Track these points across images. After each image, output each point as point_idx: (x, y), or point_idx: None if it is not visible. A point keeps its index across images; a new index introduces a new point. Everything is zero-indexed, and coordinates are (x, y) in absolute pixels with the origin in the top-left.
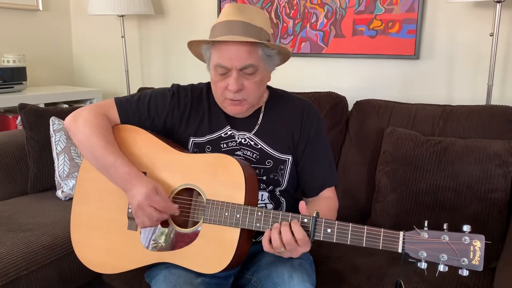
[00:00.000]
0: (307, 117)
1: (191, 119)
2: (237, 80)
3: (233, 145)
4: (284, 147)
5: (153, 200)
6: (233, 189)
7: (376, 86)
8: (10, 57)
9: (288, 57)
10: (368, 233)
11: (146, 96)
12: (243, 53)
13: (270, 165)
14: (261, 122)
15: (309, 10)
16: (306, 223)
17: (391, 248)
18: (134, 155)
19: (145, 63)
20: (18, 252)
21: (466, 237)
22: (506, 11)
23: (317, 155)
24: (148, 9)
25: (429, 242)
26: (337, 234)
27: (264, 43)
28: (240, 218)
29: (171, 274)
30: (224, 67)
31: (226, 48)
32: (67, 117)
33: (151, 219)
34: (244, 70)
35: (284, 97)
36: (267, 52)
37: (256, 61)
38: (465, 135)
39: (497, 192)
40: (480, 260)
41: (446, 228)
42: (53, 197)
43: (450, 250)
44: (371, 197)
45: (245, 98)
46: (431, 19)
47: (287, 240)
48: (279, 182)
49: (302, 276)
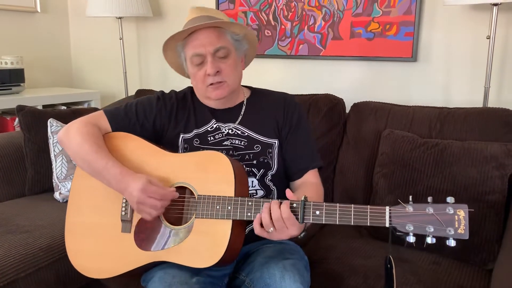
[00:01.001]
0: (289, 105)
1: (179, 117)
2: (213, 63)
3: (220, 137)
4: (270, 131)
5: (150, 191)
6: (223, 184)
7: (373, 88)
8: (8, 59)
9: (256, 43)
10: (355, 211)
11: (133, 103)
12: (212, 37)
13: (258, 149)
14: (244, 112)
15: (307, 13)
16: (296, 208)
17: (378, 223)
18: (127, 160)
19: (143, 65)
20: (15, 254)
21: (449, 207)
22: (503, 14)
23: (299, 139)
24: (146, 11)
25: (415, 215)
26: (325, 215)
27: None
28: (232, 210)
29: (166, 274)
30: (199, 54)
31: (195, 37)
32: (60, 132)
33: (155, 208)
34: (217, 53)
35: (265, 92)
36: (234, 37)
37: (226, 44)
38: (462, 137)
39: (494, 194)
40: (465, 228)
41: (431, 201)
42: (50, 199)
43: (436, 221)
44: (368, 199)
45: (224, 79)
46: (428, 22)
47: (276, 217)
48: (270, 165)
49: (294, 276)
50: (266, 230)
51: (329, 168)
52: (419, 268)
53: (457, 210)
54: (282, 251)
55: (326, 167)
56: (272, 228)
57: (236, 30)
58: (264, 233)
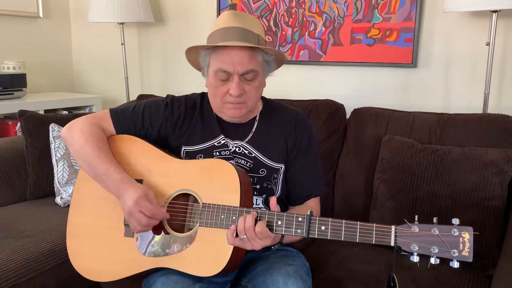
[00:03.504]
0: (300, 127)
1: (184, 128)
2: (239, 84)
3: (226, 154)
4: (278, 155)
5: (141, 205)
6: (229, 193)
7: (373, 94)
8: (10, 64)
9: (283, 63)
10: (361, 228)
11: (141, 107)
12: (244, 58)
13: (263, 173)
14: (255, 130)
15: (307, 19)
16: (301, 222)
17: (384, 242)
18: (131, 164)
19: (144, 70)
20: (17, 259)
21: (455, 229)
22: (502, 20)
23: (306, 165)
24: (148, 17)
25: (420, 235)
26: (331, 231)
27: (264, 48)
28: (236, 220)
29: (169, 280)
30: (226, 72)
31: (227, 53)
32: (63, 128)
33: (140, 224)
34: (245, 75)
35: (279, 108)
36: (266, 58)
37: (256, 67)
38: (462, 143)
39: (494, 200)
40: (470, 251)
41: (436, 222)
42: (52, 204)
43: (441, 242)
44: (368, 204)
45: (245, 102)
46: (428, 28)
47: (247, 227)
48: (273, 191)
49: (297, 283)
50: (240, 237)
51: (329, 173)
52: (419, 274)
53: (462, 233)
54: (284, 257)
55: (326, 172)
56: (245, 235)
57: (269, 51)
58: (237, 242)
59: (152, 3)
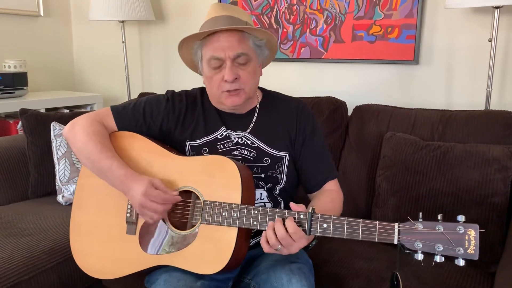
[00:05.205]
0: (301, 114)
1: (186, 123)
2: (231, 69)
3: (230, 146)
4: (281, 144)
5: (152, 195)
6: (230, 190)
7: (375, 91)
8: (11, 63)
9: (276, 48)
10: (363, 226)
11: (141, 103)
12: (233, 42)
13: (267, 162)
14: (256, 120)
15: (308, 16)
16: (302, 219)
17: (387, 239)
18: (132, 160)
19: (145, 68)
20: (18, 257)
21: (460, 226)
22: (505, 17)
23: (315, 150)
24: (149, 15)
25: (424, 233)
26: (333, 228)
27: (251, 30)
28: (237, 217)
29: (172, 277)
30: (218, 58)
31: (215, 39)
32: (65, 127)
33: (156, 212)
34: (237, 59)
35: (278, 98)
36: (256, 42)
37: (247, 50)
38: (464, 140)
39: (497, 196)
40: (475, 249)
41: (441, 219)
42: (53, 202)
43: (445, 240)
44: (371, 201)
45: (241, 87)
46: (430, 25)
47: (281, 236)
48: (278, 179)
49: (301, 280)
50: (274, 249)
51: None
52: (422, 271)
53: (468, 230)
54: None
55: None
56: (280, 245)
57: (259, 35)
58: (272, 250)
59: (153, 1)
